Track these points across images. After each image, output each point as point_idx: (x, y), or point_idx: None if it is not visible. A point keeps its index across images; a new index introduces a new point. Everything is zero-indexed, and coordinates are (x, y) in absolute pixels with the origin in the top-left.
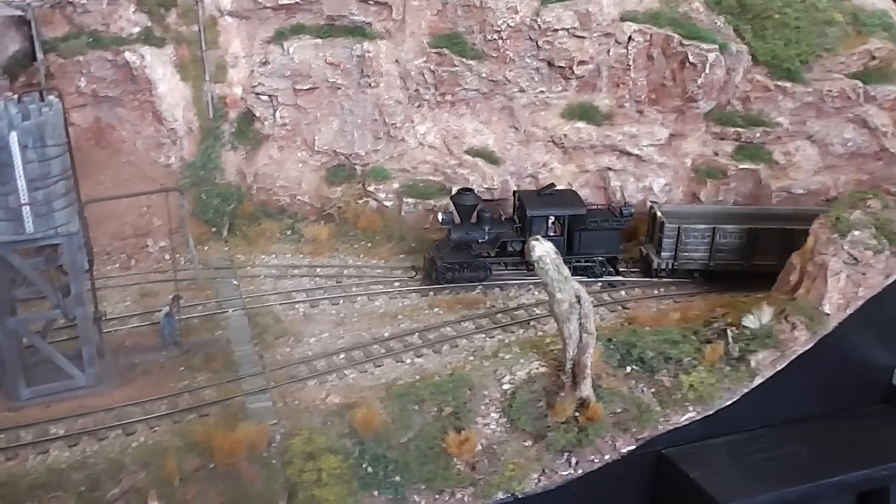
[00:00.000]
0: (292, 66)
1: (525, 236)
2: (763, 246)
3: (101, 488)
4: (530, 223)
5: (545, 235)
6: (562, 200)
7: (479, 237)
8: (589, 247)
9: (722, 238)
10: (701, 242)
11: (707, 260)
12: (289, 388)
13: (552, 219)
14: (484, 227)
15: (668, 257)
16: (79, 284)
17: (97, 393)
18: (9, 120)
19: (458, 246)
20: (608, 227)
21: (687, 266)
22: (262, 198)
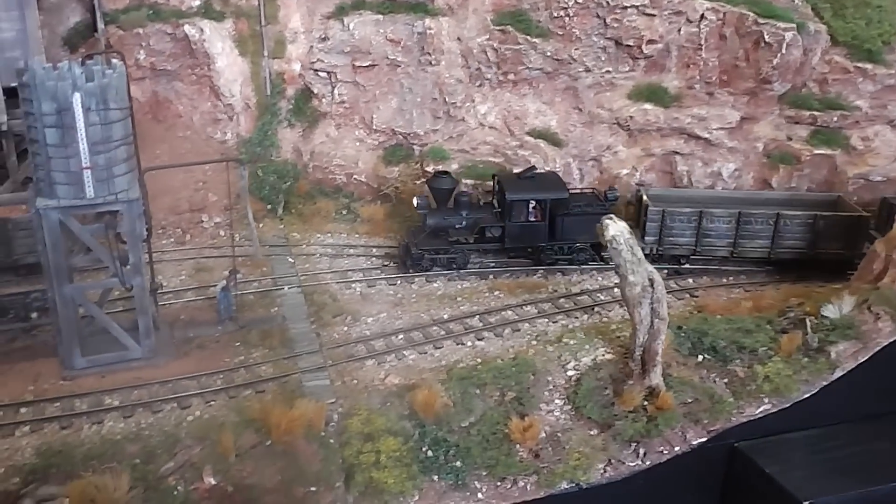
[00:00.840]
0: (352, 42)
1: (504, 222)
2: (752, 231)
3: (156, 461)
4: (510, 208)
5: (525, 221)
6: (543, 184)
7: (456, 223)
8: (572, 233)
9: (709, 223)
10: (687, 227)
11: (693, 245)
12: (346, 367)
13: (533, 203)
14: (461, 212)
15: (652, 242)
16: (137, 253)
17: (152, 365)
18: (73, 80)
19: (435, 232)
20: (592, 213)
21: (673, 251)
22: (318, 176)
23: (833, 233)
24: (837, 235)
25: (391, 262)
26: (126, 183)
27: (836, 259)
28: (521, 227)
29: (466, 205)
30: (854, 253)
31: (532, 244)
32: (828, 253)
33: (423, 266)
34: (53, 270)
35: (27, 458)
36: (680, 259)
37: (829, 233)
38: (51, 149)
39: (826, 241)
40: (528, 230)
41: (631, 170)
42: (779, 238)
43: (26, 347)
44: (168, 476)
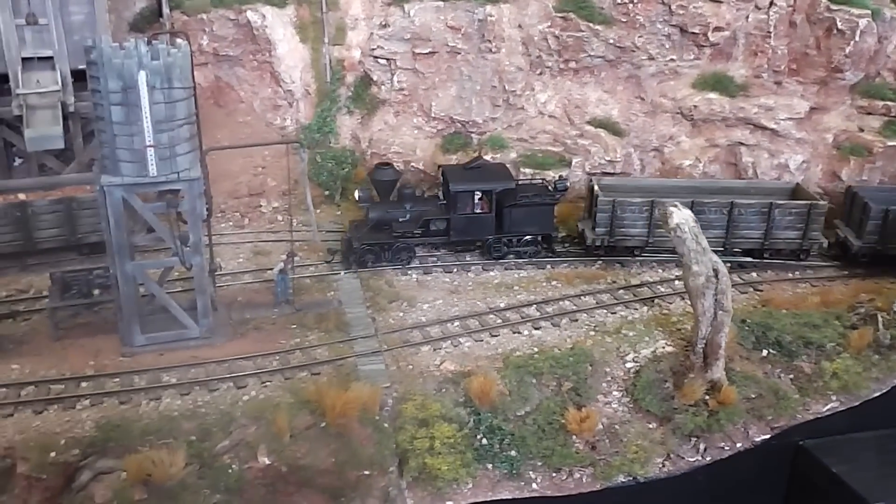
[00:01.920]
0: (412, 29)
1: (450, 214)
2: (706, 221)
3: (212, 439)
4: (454, 199)
5: (471, 213)
6: (489, 174)
7: (399, 216)
8: (520, 224)
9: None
10: (638, 217)
11: (646, 236)
12: (402, 352)
13: (479, 194)
14: (405, 204)
15: (602, 233)
16: (197, 233)
17: (209, 345)
18: (139, 59)
19: (378, 226)
20: (540, 203)
21: (624, 243)
22: (375, 163)
23: (788, 221)
24: (793, 224)
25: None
26: (188, 162)
27: (792, 248)
28: (467, 219)
29: (410, 197)
30: (811, 242)
31: (479, 237)
32: (784, 241)
33: (365, 262)
34: (116, 248)
35: (87, 431)
36: (633, 251)
37: (784, 221)
38: (116, 126)
39: (781, 230)
40: (474, 222)
41: (694, 161)
42: (734, 228)
43: (88, 323)
44: (223, 454)
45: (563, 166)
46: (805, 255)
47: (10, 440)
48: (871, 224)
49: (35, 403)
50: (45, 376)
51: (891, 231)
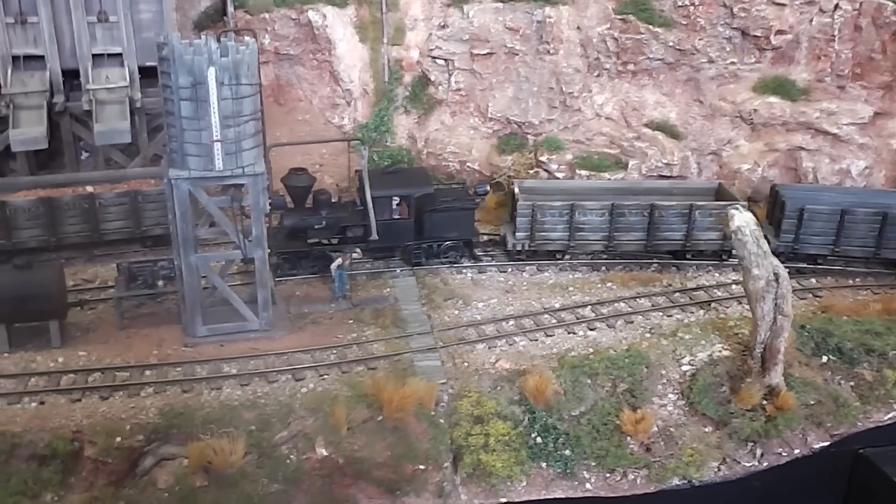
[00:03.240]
0: (471, 30)
1: (367, 220)
2: (627, 223)
3: (271, 429)
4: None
5: (388, 219)
6: (407, 179)
7: (315, 223)
8: (440, 230)
9: (582, 216)
10: (559, 221)
11: (567, 240)
12: (457, 349)
13: (397, 200)
14: (321, 211)
15: (523, 237)
16: (260, 227)
17: (268, 337)
18: (209, 55)
19: (293, 233)
20: (460, 208)
21: (546, 247)
22: (431, 163)
23: (710, 222)
24: (714, 225)
25: None
26: (253, 157)
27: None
28: (385, 225)
29: (326, 203)
30: None
31: (398, 243)
32: (705, 242)
33: (279, 271)
34: (181, 240)
35: (151, 418)
36: (556, 255)
37: (705, 223)
38: (184, 121)
39: (703, 231)
40: (392, 228)
41: (753, 165)
42: (654, 230)
43: (151, 314)
44: (281, 444)
45: (619, 168)
46: (727, 255)
47: (79, 424)
48: (787, 223)
49: (102, 389)
50: (110, 364)
51: (806, 229)
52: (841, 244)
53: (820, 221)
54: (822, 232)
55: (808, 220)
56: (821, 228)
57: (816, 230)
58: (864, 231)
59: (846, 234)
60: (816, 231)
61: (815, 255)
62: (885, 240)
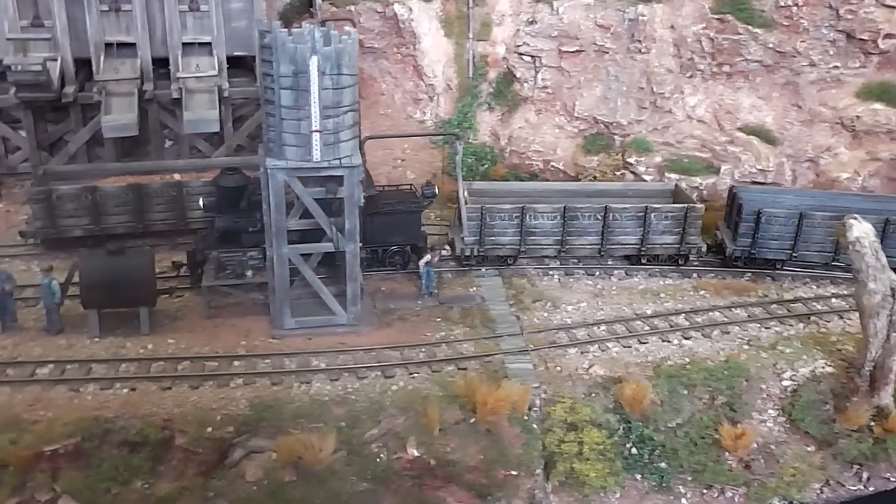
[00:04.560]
0: (560, 26)
1: None
2: (580, 227)
3: (361, 426)
4: None
5: None
6: None
7: (249, 226)
8: (384, 234)
9: (533, 219)
10: (509, 224)
11: (518, 244)
12: (549, 353)
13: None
14: (256, 213)
15: (472, 242)
16: (353, 220)
17: (356, 332)
18: (312, 44)
19: (226, 237)
20: (405, 211)
21: (496, 252)
22: (514, 161)
23: (665, 226)
24: (670, 228)
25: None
26: (350, 149)
27: (670, 253)
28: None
29: (261, 205)
30: (689, 246)
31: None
32: (661, 247)
33: None
34: (275, 230)
35: (241, 410)
36: (506, 260)
37: (661, 226)
38: (284, 110)
39: (658, 235)
40: None
41: (852, 174)
42: (609, 233)
43: (238, 304)
44: (371, 442)
45: (710, 173)
46: (684, 260)
47: (170, 413)
48: (744, 226)
49: (191, 378)
50: (199, 353)
51: (763, 233)
52: (799, 249)
53: (777, 225)
54: (780, 236)
55: (766, 224)
56: (778, 232)
57: (774, 234)
58: (823, 235)
59: (804, 238)
60: (774, 235)
61: (773, 260)
62: None
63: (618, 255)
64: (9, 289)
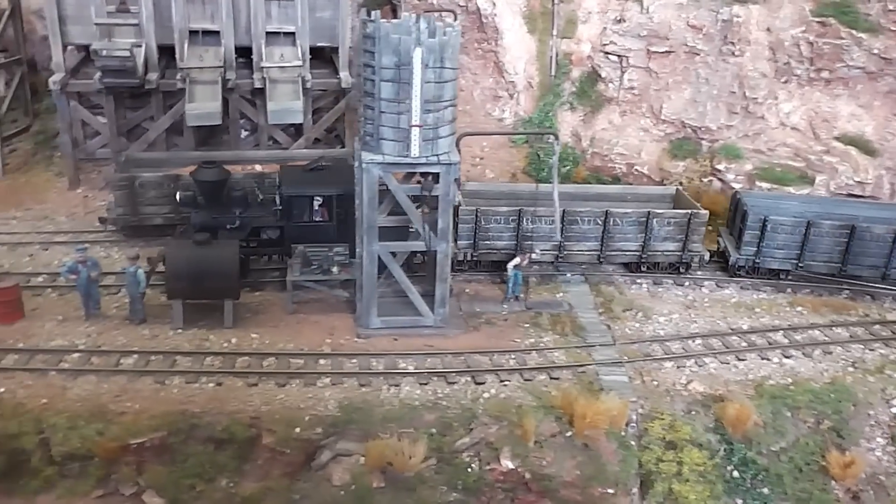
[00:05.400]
0: (650, 26)
1: (285, 221)
2: (580, 231)
3: (452, 434)
4: (288, 205)
5: (308, 221)
6: (332, 177)
7: (227, 222)
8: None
9: (530, 223)
10: (505, 228)
11: (514, 250)
12: (644, 365)
13: (319, 200)
14: (235, 210)
15: (465, 246)
16: (447, 219)
17: (442, 335)
18: (416, 35)
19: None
20: (395, 211)
21: (490, 257)
22: (596, 163)
23: (668, 232)
24: (672, 234)
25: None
26: (448, 145)
27: (671, 261)
28: (302, 228)
29: (241, 201)
30: (691, 254)
31: None
32: (663, 254)
33: None
34: (366, 227)
35: (329, 411)
36: (503, 266)
37: (663, 232)
38: (383, 103)
39: (660, 241)
40: (311, 232)
41: None
42: (609, 239)
43: (320, 300)
44: (463, 451)
45: (804, 183)
46: (685, 268)
47: (257, 410)
48: (749, 234)
49: (277, 376)
50: (283, 349)
51: (768, 241)
52: (805, 258)
53: (783, 234)
54: (786, 245)
55: (771, 232)
56: (784, 241)
57: (780, 243)
58: (830, 245)
59: (811, 247)
60: (780, 244)
61: (778, 270)
62: (851, 255)
63: (617, 263)
64: (94, 276)
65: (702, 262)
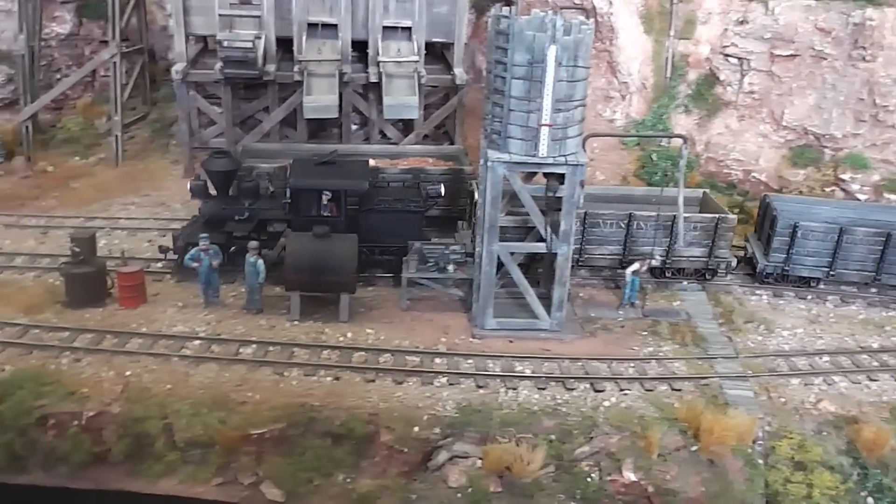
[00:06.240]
0: (774, 28)
1: (292, 215)
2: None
3: (571, 441)
4: (296, 198)
5: (316, 216)
6: (342, 172)
7: (236, 213)
8: (377, 234)
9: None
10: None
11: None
12: (769, 381)
13: (328, 195)
14: (245, 201)
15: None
16: (570, 221)
17: (558, 339)
18: (552, 33)
19: (211, 223)
20: (403, 210)
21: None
22: (710, 168)
23: (693, 236)
24: (698, 239)
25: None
26: (575, 146)
27: (697, 267)
28: (309, 222)
29: (251, 193)
30: (718, 260)
31: None
32: (688, 259)
33: None
34: (487, 226)
35: (448, 411)
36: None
37: (688, 236)
38: (513, 101)
39: (685, 246)
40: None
41: None
42: (632, 243)
43: (432, 297)
44: (582, 460)
45: None
46: (711, 275)
47: (375, 406)
48: (779, 240)
49: (394, 373)
50: (399, 346)
51: (798, 248)
52: (837, 266)
53: (814, 241)
54: (817, 252)
55: (802, 239)
56: (815, 248)
57: (810, 250)
58: (864, 252)
59: (843, 255)
60: (810, 251)
61: (808, 278)
62: (886, 263)
63: None
64: (216, 264)
65: (728, 268)
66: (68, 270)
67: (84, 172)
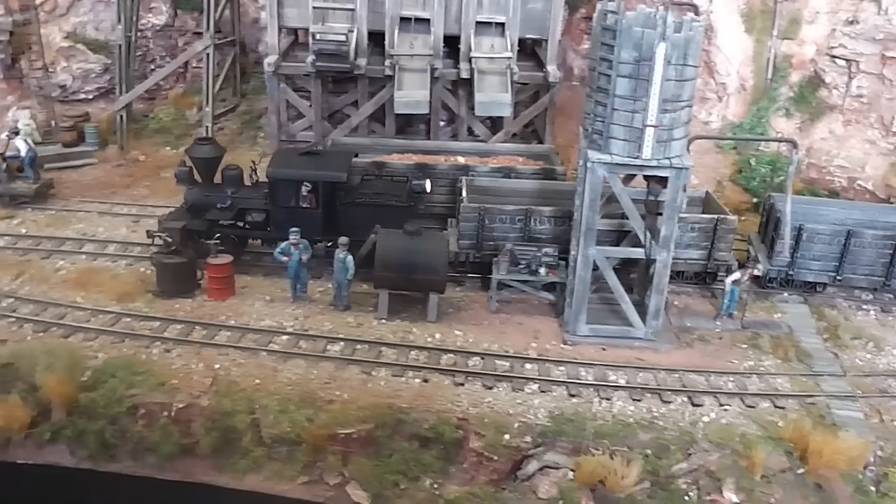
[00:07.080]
0: (888, 28)
1: (272, 205)
2: None
3: (669, 457)
4: (273, 188)
5: (294, 206)
6: (323, 163)
7: (219, 201)
8: (357, 227)
9: (539, 224)
10: (511, 228)
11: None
12: (881, 402)
13: (308, 186)
14: (227, 189)
15: (467, 246)
16: (671, 227)
17: (653, 349)
18: (662, 30)
19: (194, 210)
20: (382, 204)
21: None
22: (812, 175)
23: (692, 238)
24: (697, 241)
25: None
26: (680, 148)
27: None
28: (288, 212)
29: (234, 181)
30: (717, 263)
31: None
32: (686, 262)
33: None
34: (584, 228)
35: (539, 420)
36: None
37: (686, 238)
38: (618, 100)
39: (683, 248)
40: (296, 218)
41: None
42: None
43: (521, 300)
44: (679, 477)
45: None
46: (711, 278)
47: (465, 411)
48: (783, 243)
49: (484, 377)
50: (488, 349)
51: (804, 251)
52: (844, 271)
53: (821, 244)
54: (823, 256)
55: (807, 242)
56: (821, 252)
57: (816, 253)
58: (873, 256)
59: (851, 259)
60: (816, 255)
61: (814, 283)
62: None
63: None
64: (305, 259)
65: (729, 272)
66: (160, 260)
67: (174, 162)
